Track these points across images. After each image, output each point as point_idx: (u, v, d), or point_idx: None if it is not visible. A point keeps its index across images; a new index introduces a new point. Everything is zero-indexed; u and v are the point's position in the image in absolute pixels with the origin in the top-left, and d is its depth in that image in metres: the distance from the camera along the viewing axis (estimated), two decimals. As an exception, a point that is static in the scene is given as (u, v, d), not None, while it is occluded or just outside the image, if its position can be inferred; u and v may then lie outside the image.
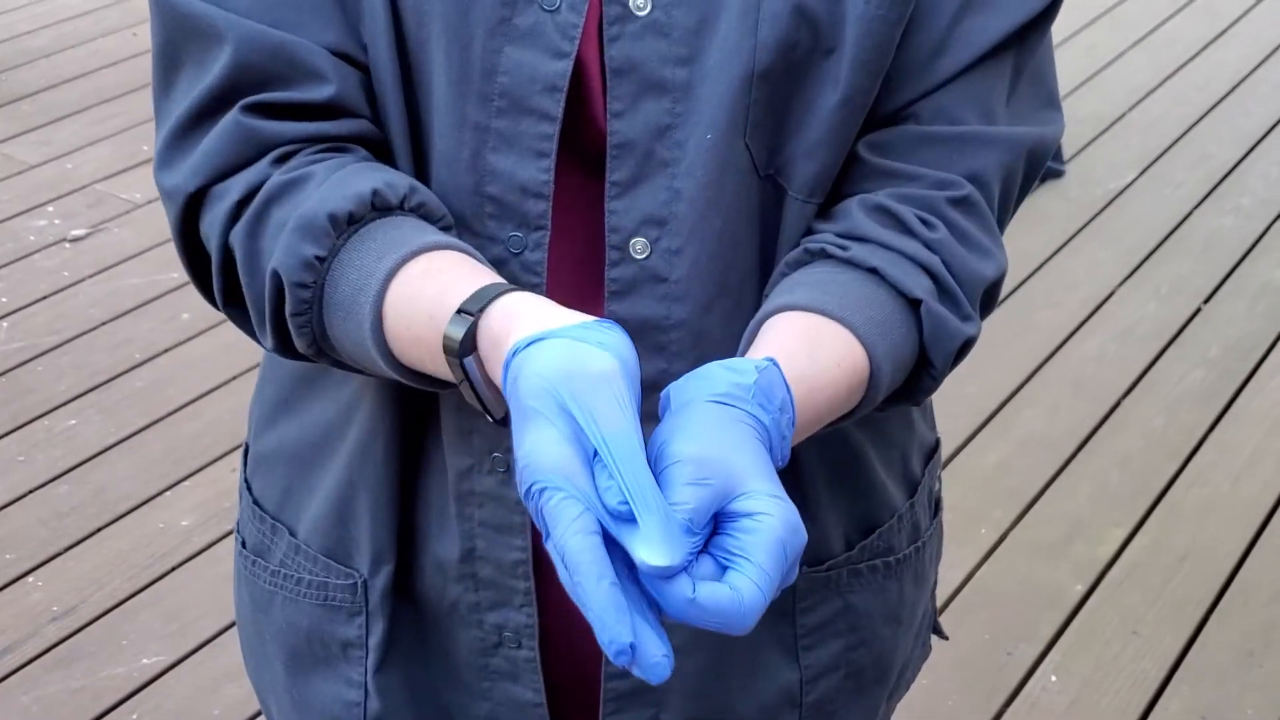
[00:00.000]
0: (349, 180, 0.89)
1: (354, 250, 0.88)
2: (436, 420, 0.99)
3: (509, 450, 0.96)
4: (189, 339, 3.29)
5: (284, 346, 0.93)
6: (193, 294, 3.31)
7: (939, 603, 1.23)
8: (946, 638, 1.27)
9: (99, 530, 2.75)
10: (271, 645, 1.12)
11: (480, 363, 0.83)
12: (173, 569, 2.66)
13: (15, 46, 4.76)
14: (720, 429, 0.76)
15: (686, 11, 0.90)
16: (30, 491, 2.85)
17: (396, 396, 0.99)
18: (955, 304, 0.95)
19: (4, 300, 3.45)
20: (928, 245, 0.94)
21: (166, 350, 3.26)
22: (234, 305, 0.96)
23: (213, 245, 0.93)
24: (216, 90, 0.92)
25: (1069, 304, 3.48)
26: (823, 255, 0.94)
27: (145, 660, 2.48)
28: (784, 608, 1.05)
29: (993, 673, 2.44)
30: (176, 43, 0.94)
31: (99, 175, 3.98)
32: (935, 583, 1.20)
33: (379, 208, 0.89)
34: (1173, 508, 2.83)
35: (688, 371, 0.93)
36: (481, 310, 0.82)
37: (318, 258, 0.87)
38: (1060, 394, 3.16)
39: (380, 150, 0.95)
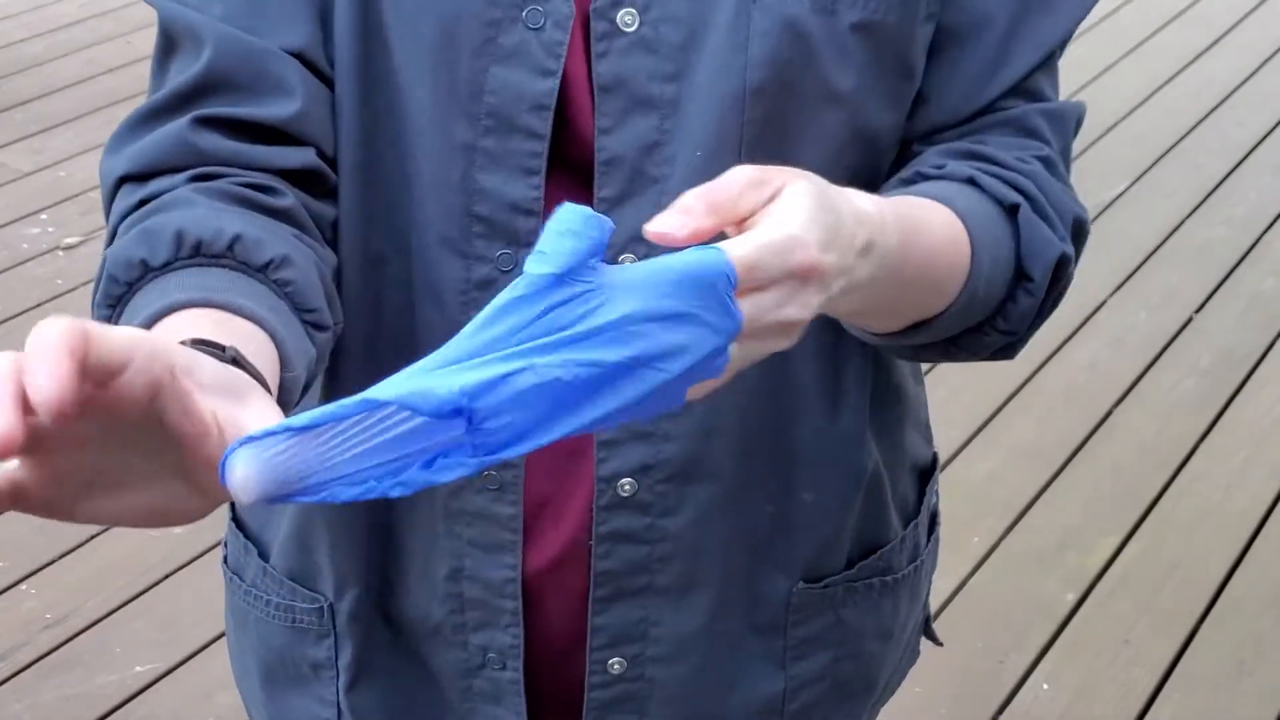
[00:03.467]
0: (221, 214, 0.85)
1: (169, 281, 0.82)
2: None
3: (502, 466, 0.96)
4: (182, 347, 3.29)
5: None
6: (186, 302, 3.28)
7: (930, 611, 1.23)
8: (941, 644, 1.27)
9: (92, 538, 2.75)
10: (250, 659, 1.13)
11: None
12: (165, 577, 2.66)
13: (9, 54, 4.76)
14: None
15: (675, 28, 0.89)
16: (23, 499, 2.85)
17: None
18: (1049, 222, 0.94)
19: (-3, 308, 3.46)
20: (1019, 171, 0.94)
21: (160, 358, 3.26)
22: None
23: (108, 234, 0.91)
24: (184, 91, 0.91)
25: (1060, 313, 3.44)
26: (917, 179, 0.93)
27: (138, 668, 2.48)
28: (776, 621, 1.05)
29: (985, 681, 2.45)
30: (170, 40, 0.94)
31: (92, 183, 3.98)
32: (929, 592, 1.21)
33: (237, 255, 0.83)
34: (1164, 517, 2.84)
35: None
36: None
37: (143, 261, 0.82)
38: (1052, 403, 3.17)
39: (322, 183, 0.93)
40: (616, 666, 1.02)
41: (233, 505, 1.14)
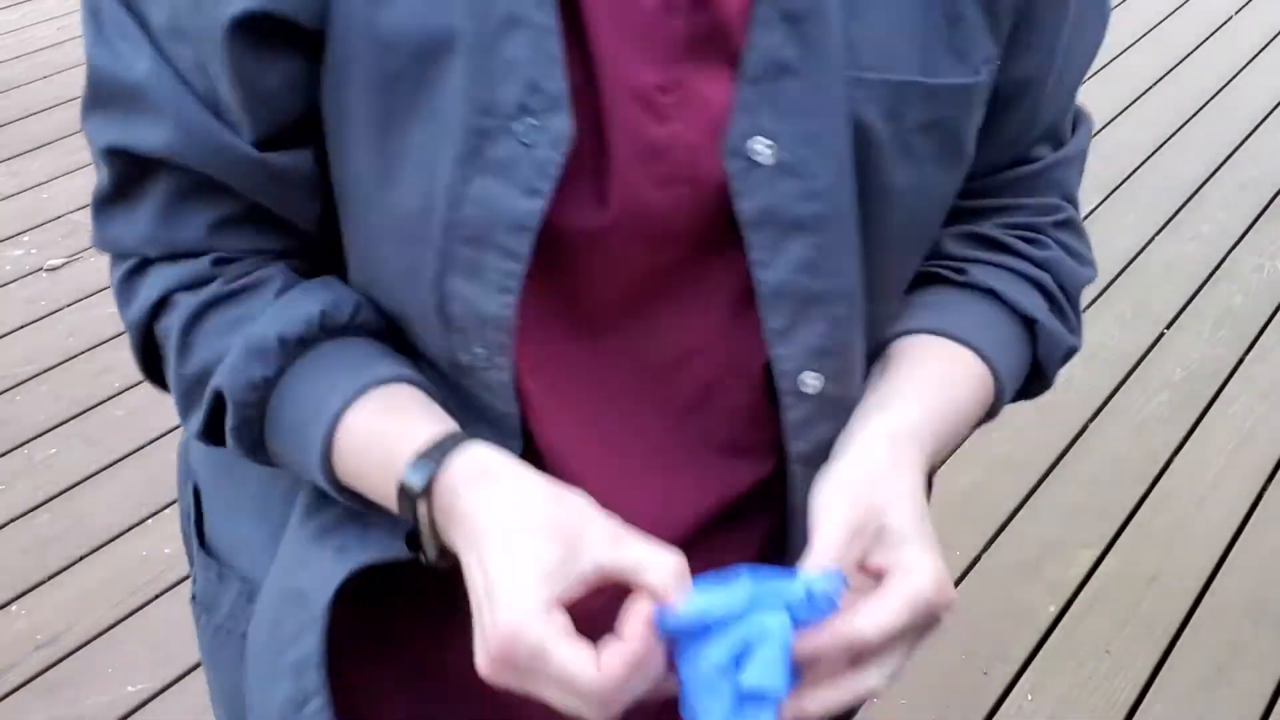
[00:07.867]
0: (298, 301, 0.89)
1: (302, 375, 0.88)
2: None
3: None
4: (167, 368, 3.30)
5: (209, 440, 0.93)
6: (172, 323, 3.26)
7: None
8: None
9: (82, 558, 2.76)
10: (222, 708, 1.13)
11: (430, 508, 0.84)
12: (156, 596, 2.68)
13: (-14, 77, 4.77)
14: None
15: (815, 149, 0.86)
16: (11, 520, 2.86)
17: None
18: (1064, 317, 1.02)
19: (-20, 330, 3.46)
20: (1037, 264, 1.00)
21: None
22: (155, 376, 0.96)
23: (134, 318, 0.92)
24: (156, 158, 0.88)
25: (1036, 330, 3.52)
26: (935, 280, 0.99)
27: (130, 688, 2.49)
28: None
29: (970, 693, 2.49)
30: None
31: (74, 205, 3.99)
32: None
33: (328, 328, 0.89)
34: (1141, 529, 2.88)
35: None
36: (443, 458, 0.83)
37: (265, 379, 0.88)
38: (1027, 418, 3.20)
39: (317, 254, 0.94)
40: None
41: (200, 531, 1.09)
